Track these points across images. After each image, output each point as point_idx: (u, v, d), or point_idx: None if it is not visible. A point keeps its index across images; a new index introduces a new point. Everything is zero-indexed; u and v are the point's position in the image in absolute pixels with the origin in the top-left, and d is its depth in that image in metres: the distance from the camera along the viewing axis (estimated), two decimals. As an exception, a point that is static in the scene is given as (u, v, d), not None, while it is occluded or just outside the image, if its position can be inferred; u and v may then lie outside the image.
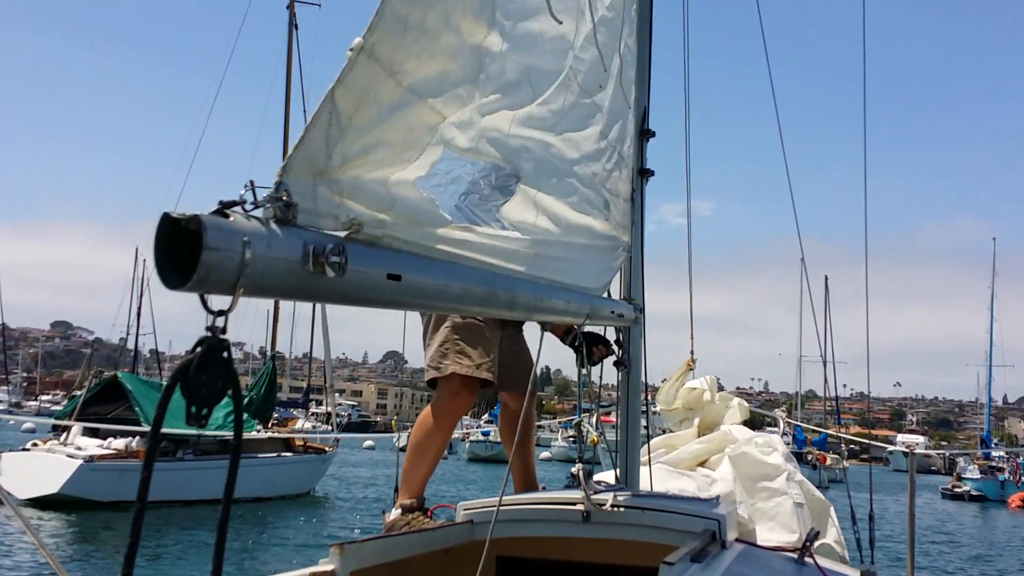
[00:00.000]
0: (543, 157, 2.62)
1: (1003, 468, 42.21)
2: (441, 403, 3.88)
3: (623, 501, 3.23)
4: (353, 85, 1.72)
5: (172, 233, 1.39)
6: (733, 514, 3.53)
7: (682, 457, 4.67)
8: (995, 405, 62.19)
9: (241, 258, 1.41)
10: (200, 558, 14.46)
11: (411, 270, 1.87)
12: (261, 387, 24.27)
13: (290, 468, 23.42)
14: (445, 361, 3.81)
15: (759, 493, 4.37)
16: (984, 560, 20.38)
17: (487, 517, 3.35)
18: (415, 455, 3.88)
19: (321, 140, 1.67)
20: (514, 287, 2.37)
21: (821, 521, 4.51)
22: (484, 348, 3.82)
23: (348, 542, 2.72)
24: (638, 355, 3.76)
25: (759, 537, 3.92)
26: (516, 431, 4.33)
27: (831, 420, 56.71)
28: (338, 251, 1.59)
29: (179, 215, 1.39)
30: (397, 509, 3.78)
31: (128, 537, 1.35)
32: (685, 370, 5.17)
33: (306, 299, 1.69)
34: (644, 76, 3.74)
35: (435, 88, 2.02)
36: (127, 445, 19.62)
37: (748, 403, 5.21)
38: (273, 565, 13.82)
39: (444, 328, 3.85)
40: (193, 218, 1.38)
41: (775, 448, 4.59)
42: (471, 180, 2.29)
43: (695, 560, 2.71)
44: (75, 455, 18.96)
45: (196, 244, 1.36)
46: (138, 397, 19.88)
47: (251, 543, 16.31)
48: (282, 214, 1.56)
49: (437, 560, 3.22)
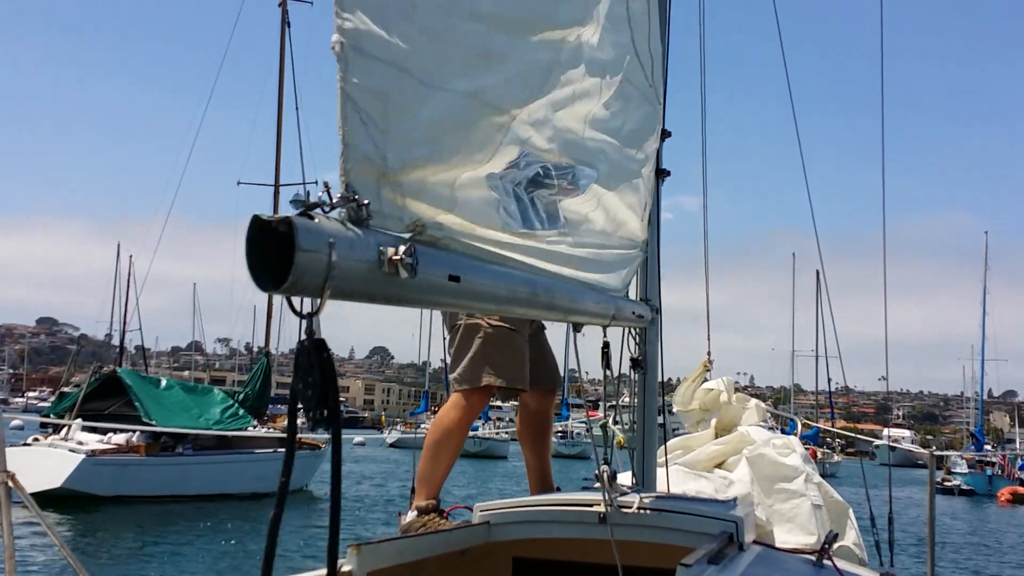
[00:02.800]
0: (617, 159, 2.62)
1: (992, 463, 42.52)
2: (456, 409, 3.88)
3: (648, 504, 3.22)
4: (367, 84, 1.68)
5: (261, 235, 1.37)
6: (751, 516, 3.51)
7: (699, 458, 4.65)
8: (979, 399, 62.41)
9: (328, 260, 1.39)
10: (199, 551, 14.44)
11: (467, 271, 1.86)
12: (256, 383, 24.28)
13: None
14: (479, 374, 3.81)
15: (777, 495, 4.35)
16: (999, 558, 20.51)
17: (504, 518, 3.38)
18: (432, 457, 3.87)
19: (367, 142, 1.64)
20: (552, 288, 2.36)
21: (840, 523, 4.49)
22: (517, 357, 3.85)
23: (365, 543, 2.70)
24: (655, 356, 3.76)
25: (777, 539, 3.92)
26: (533, 431, 4.33)
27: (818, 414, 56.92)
28: (410, 252, 1.58)
29: (269, 217, 1.37)
30: (413, 511, 3.76)
31: (265, 539, 1.37)
32: (702, 371, 5.15)
33: (379, 301, 1.66)
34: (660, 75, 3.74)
35: (496, 90, 2.01)
36: (128, 440, 19.78)
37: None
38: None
39: (477, 339, 3.85)
40: (284, 219, 1.36)
41: (793, 449, 4.58)
42: (539, 178, 2.28)
43: (712, 562, 2.70)
44: (77, 450, 19.06)
45: (284, 246, 1.33)
46: (138, 392, 19.99)
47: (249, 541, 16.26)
48: (355, 215, 1.55)
49: (454, 561, 3.21)
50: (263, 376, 24.52)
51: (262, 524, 17.89)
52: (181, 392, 21.55)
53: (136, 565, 13.13)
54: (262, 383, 24.35)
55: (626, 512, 3.17)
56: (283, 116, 27.59)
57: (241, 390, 24.48)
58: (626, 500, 3.22)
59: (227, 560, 14.12)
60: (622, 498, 3.24)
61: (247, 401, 23.42)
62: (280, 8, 27.88)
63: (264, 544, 1.44)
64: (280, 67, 27.70)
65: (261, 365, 25.02)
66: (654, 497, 3.37)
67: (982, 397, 62.55)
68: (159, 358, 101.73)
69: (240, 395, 23.70)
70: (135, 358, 49.44)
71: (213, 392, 23.16)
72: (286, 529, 18.22)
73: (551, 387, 4.28)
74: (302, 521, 19.33)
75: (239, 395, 23.68)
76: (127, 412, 19.41)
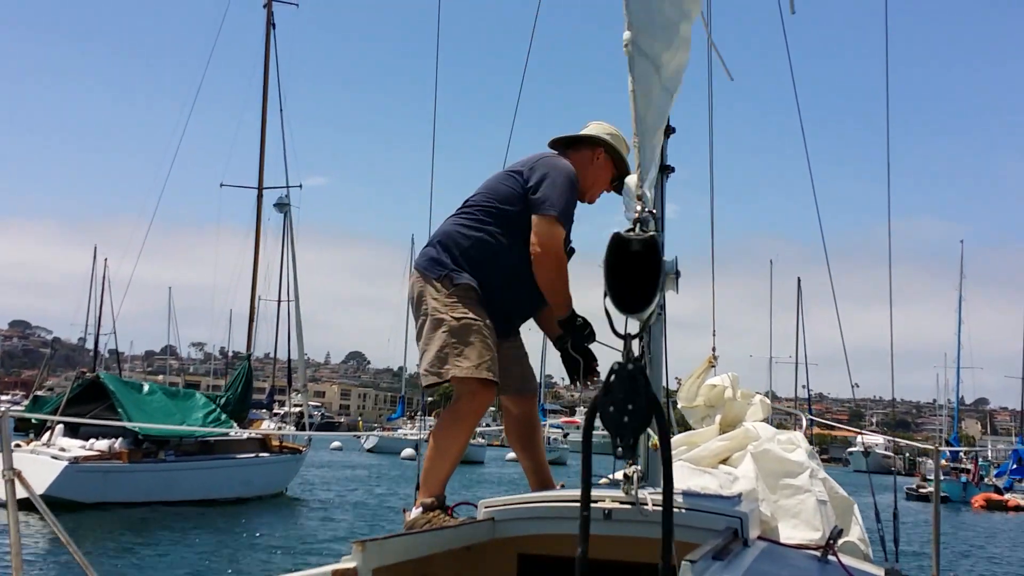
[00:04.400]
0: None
1: (968, 470, 42.84)
2: (461, 405, 3.88)
3: (653, 500, 3.21)
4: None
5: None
6: (755, 512, 3.52)
7: (703, 454, 4.63)
8: (951, 406, 62.88)
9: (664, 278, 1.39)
10: (182, 558, 14.34)
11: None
12: (237, 387, 24.17)
13: (268, 468, 23.49)
14: (445, 366, 3.79)
15: (782, 490, 4.32)
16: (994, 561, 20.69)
17: (509, 515, 3.39)
18: (436, 455, 3.87)
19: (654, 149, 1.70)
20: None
21: (845, 519, 4.46)
22: (483, 347, 3.79)
23: (370, 539, 2.71)
24: (659, 353, 3.76)
25: (782, 535, 3.89)
26: (520, 435, 4.36)
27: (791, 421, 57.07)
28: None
29: (632, 235, 1.36)
30: (418, 507, 3.78)
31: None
32: (707, 367, 5.17)
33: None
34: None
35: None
36: (110, 446, 19.63)
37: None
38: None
39: (441, 333, 3.82)
40: (651, 238, 1.37)
41: (798, 445, 4.57)
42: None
43: (717, 558, 2.70)
44: (60, 456, 18.84)
45: (639, 263, 1.34)
46: (120, 398, 19.83)
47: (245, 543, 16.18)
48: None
49: (459, 557, 3.23)
50: (244, 381, 24.39)
51: (244, 529, 17.82)
52: (163, 397, 21.40)
53: (119, 571, 13.03)
54: (243, 388, 24.23)
55: (630, 508, 3.17)
56: (267, 118, 27.51)
57: (223, 395, 24.35)
58: (642, 495, 3.20)
59: (209, 564, 14.05)
60: (642, 494, 3.24)
61: (229, 405, 23.29)
62: (265, 9, 27.85)
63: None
64: (265, 69, 27.63)
65: (242, 370, 24.85)
66: (659, 493, 3.40)
67: (958, 404, 62.98)
68: (133, 362, 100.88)
69: (222, 399, 23.58)
70: (109, 362, 49.00)
71: (195, 397, 23.03)
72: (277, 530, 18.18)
73: (529, 392, 4.29)
74: (284, 524, 19.31)
75: (221, 399, 23.56)
76: (109, 417, 19.19)
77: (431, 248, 4.02)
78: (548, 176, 3.90)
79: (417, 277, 3.99)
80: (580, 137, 4.24)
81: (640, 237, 1.36)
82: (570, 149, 4.19)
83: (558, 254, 3.82)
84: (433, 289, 3.90)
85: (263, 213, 28.14)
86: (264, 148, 27.40)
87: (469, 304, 3.85)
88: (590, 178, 4.16)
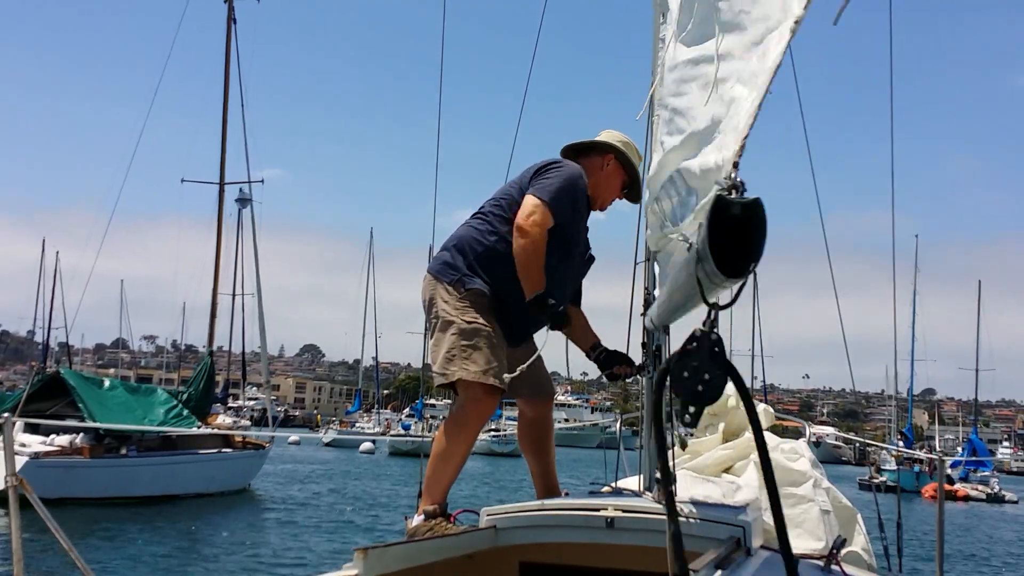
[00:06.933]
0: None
1: (922, 460, 43.44)
2: (464, 410, 3.87)
3: (656, 509, 3.23)
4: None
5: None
6: (759, 521, 3.52)
7: (707, 463, 4.64)
8: (900, 397, 63.65)
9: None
10: (143, 552, 14.22)
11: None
12: (199, 383, 24.03)
13: (231, 464, 23.34)
14: (451, 367, 3.80)
15: (785, 500, 4.31)
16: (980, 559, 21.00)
17: (511, 523, 3.38)
18: (439, 462, 3.86)
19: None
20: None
21: (848, 528, 4.49)
22: (491, 353, 3.80)
23: (372, 547, 2.70)
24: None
25: None
26: (532, 438, 4.37)
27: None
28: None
29: (733, 198, 1.34)
30: (420, 515, 3.77)
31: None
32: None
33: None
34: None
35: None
36: (71, 442, 19.41)
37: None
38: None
39: (450, 335, 3.83)
40: (756, 200, 1.35)
41: (801, 454, 4.58)
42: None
43: (720, 567, 2.70)
44: (20, 452, 18.42)
45: (738, 227, 1.32)
46: (82, 393, 19.61)
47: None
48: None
49: (460, 565, 3.23)
50: (207, 376, 24.28)
51: (207, 525, 17.69)
52: (124, 393, 21.15)
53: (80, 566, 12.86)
54: (206, 383, 24.12)
55: (633, 516, 3.18)
56: (228, 113, 27.27)
57: (185, 390, 24.23)
58: (634, 504, 3.25)
59: (172, 560, 13.92)
60: (630, 502, 3.27)
61: (191, 401, 23.15)
62: (226, 4, 27.60)
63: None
64: (226, 64, 27.41)
65: (205, 365, 24.68)
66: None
67: (912, 396, 63.90)
68: (83, 355, 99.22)
69: (184, 395, 23.43)
70: (59, 355, 48.27)
71: (157, 392, 22.77)
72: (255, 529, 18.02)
73: (545, 395, 4.30)
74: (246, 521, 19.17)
75: (183, 395, 23.41)
76: (70, 413, 19.07)
77: (445, 252, 4.03)
78: (551, 171, 3.96)
79: (429, 280, 4.01)
80: (591, 143, 4.29)
81: (743, 200, 1.35)
82: (581, 155, 4.23)
83: (535, 231, 3.80)
84: (444, 292, 3.92)
85: (224, 208, 27.89)
86: (225, 143, 27.20)
87: (480, 310, 3.86)
88: (600, 184, 4.20)
